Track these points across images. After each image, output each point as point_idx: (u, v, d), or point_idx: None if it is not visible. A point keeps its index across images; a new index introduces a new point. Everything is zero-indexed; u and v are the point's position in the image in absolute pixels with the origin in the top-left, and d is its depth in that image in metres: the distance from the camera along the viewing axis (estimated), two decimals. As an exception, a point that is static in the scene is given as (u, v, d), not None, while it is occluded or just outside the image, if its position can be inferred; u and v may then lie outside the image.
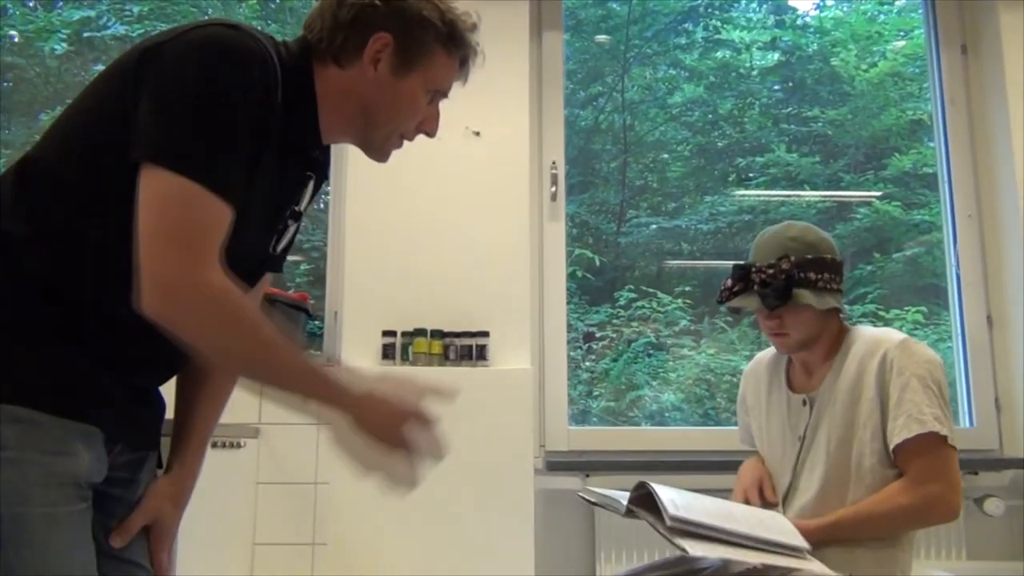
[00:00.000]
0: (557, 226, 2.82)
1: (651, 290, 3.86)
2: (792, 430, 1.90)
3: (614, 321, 3.79)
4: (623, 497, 1.65)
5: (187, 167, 1.11)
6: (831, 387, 1.84)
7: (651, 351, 3.82)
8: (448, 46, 1.35)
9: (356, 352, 2.63)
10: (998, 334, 2.75)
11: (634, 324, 3.82)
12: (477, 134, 2.75)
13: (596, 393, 3.73)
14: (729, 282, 1.89)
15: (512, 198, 2.72)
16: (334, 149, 2.73)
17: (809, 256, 1.83)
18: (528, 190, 2.74)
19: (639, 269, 4.14)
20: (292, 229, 1.39)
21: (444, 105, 2.70)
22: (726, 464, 2.17)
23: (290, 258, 3.72)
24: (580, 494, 1.87)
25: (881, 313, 3.61)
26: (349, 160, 2.75)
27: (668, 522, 1.51)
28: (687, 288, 3.92)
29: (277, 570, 1.61)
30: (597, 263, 3.90)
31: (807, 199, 4.06)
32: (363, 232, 2.71)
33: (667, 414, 3.73)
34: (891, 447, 1.73)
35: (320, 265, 3.33)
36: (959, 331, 2.81)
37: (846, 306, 1.90)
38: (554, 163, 2.83)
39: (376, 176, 2.72)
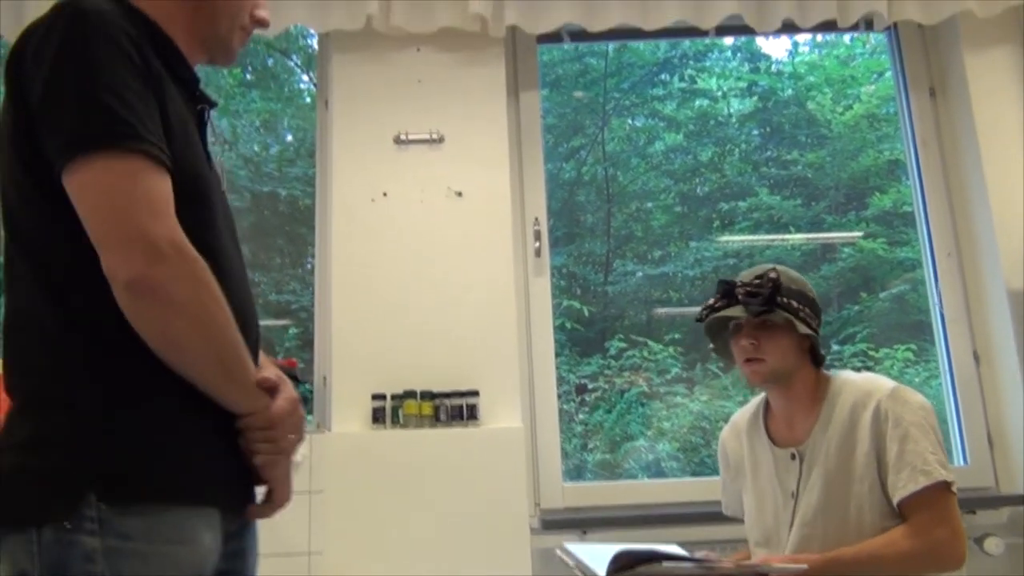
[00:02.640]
0: (542, 281, 2.83)
1: (641, 339, 3.87)
2: (783, 487, 1.87)
3: (605, 372, 3.78)
4: (600, 568, 1.60)
5: (105, 144, 1.10)
6: (820, 438, 1.82)
7: (644, 400, 3.81)
8: None
9: (346, 416, 2.62)
10: (985, 370, 2.75)
11: (626, 374, 3.82)
12: (459, 194, 2.77)
13: (591, 446, 3.71)
14: (712, 299, 1.90)
15: (497, 256, 2.73)
16: (319, 218, 2.75)
17: (793, 286, 1.85)
18: (512, 247, 2.75)
19: (628, 318, 4.15)
20: (220, 166, 1.37)
21: (430, 167, 2.76)
22: (723, 515, 2.15)
23: (278, 322, 3.71)
24: (558, 552, 1.80)
25: (871, 352, 3.61)
26: (333, 223, 2.77)
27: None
28: (677, 335, 3.93)
29: None
30: (586, 314, 3.90)
31: (792, 241, 4.09)
32: (349, 295, 2.72)
33: (663, 464, 3.71)
34: (896, 500, 1.70)
35: (309, 327, 3.33)
36: (947, 368, 2.81)
37: (824, 353, 1.88)
38: (536, 219, 2.85)
39: (361, 239, 2.75)
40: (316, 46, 3.09)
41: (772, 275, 1.83)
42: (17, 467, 1.10)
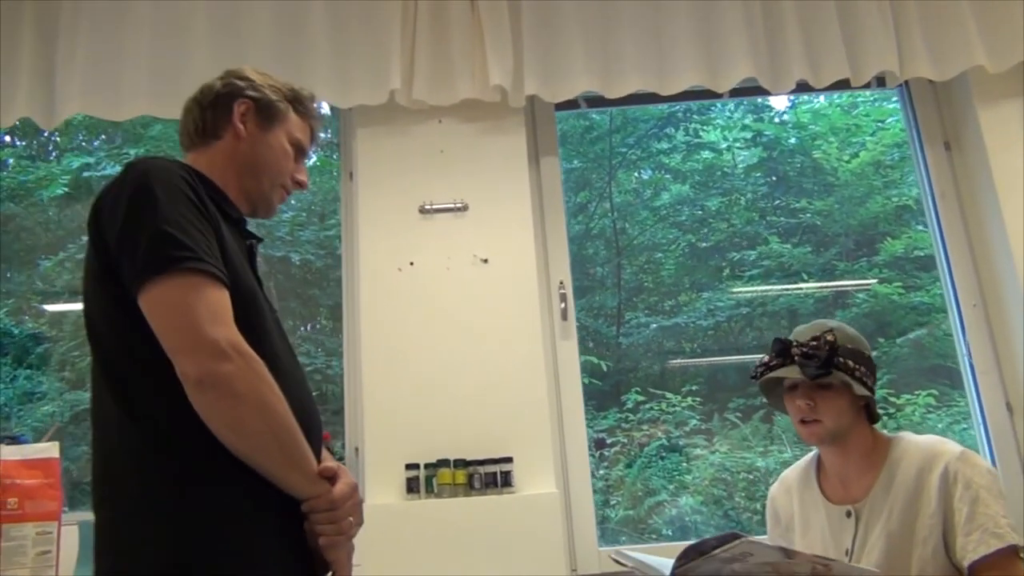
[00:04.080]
0: (569, 344, 2.85)
1: (657, 391, 3.86)
2: (836, 544, 1.86)
3: (623, 425, 3.77)
4: (663, 566, 1.60)
5: (170, 267, 1.31)
6: (882, 499, 1.81)
7: (664, 454, 3.79)
8: (296, 106, 1.66)
9: (380, 487, 2.62)
10: (1019, 420, 2.75)
11: (644, 427, 3.81)
12: (485, 261, 2.79)
13: (613, 502, 3.69)
14: (767, 357, 1.90)
15: (524, 320, 2.75)
16: (346, 289, 2.77)
17: (849, 345, 1.86)
18: (539, 311, 2.77)
19: (643, 370, 4.15)
20: (271, 291, 1.54)
21: (455, 235, 2.79)
22: None
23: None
24: (612, 556, 1.81)
25: (892, 399, 3.61)
26: (361, 294, 2.79)
27: None
28: (693, 387, 3.93)
29: None
30: (604, 368, 3.91)
31: (805, 290, 4.11)
32: (379, 365, 2.73)
33: (687, 519, 3.69)
34: (966, 562, 1.69)
35: (323, 388, 3.33)
36: (980, 420, 2.81)
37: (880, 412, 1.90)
38: (561, 283, 2.88)
39: (389, 308, 2.77)
40: (329, 112, 3.14)
41: (829, 338, 1.84)
42: (110, 567, 1.31)
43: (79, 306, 1.44)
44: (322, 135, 1.80)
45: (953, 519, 1.72)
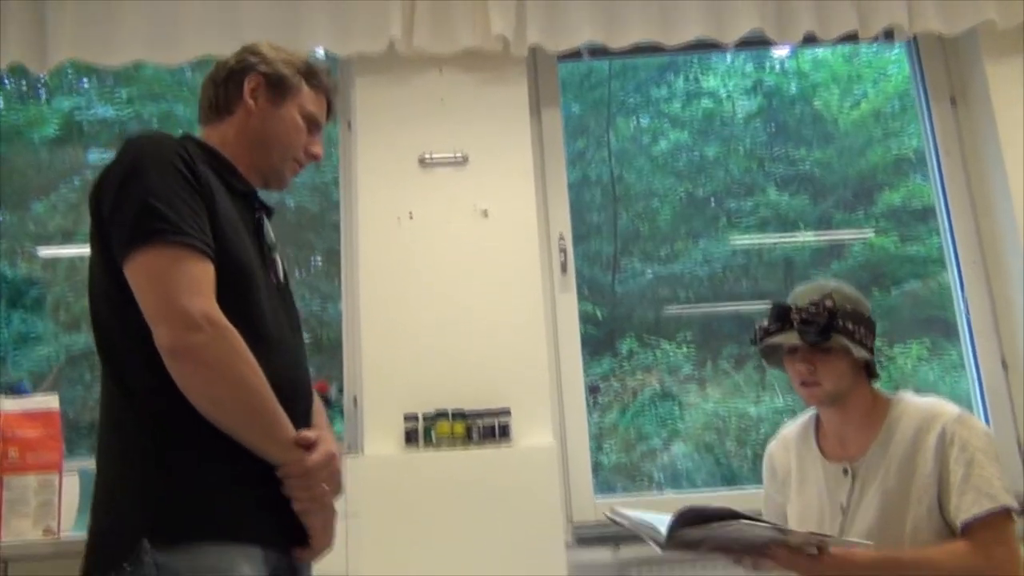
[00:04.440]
0: (568, 297, 2.85)
1: (652, 338, 3.88)
2: (832, 500, 1.88)
3: (617, 372, 3.79)
4: (660, 523, 1.61)
5: (153, 239, 1.36)
6: (879, 457, 1.83)
7: (657, 401, 3.82)
8: (310, 80, 1.68)
9: (378, 438, 2.64)
10: (1014, 378, 2.78)
11: (638, 375, 3.83)
12: (485, 213, 2.78)
13: (606, 448, 3.73)
14: (766, 322, 1.90)
15: (524, 273, 2.75)
16: (345, 240, 2.77)
17: (849, 307, 1.85)
18: (539, 264, 2.77)
19: (637, 317, 4.16)
20: (278, 260, 1.64)
21: (454, 187, 2.77)
22: None
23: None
24: (608, 514, 1.83)
25: (885, 349, 3.64)
26: (360, 245, 2.78)
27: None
28: (687, 335, 3.94)
29: None
30: (599, 316, 3.92)
31: (801, 241, 4.10)
32: (378, 316, 2.73)
33: (679, 465, 3.73)
34: (959, 521, 1.71)
35: (319, 334, 3.34)
36: (975, 377, 2.84)
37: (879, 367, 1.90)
38: (561, 235, 2.87)
39: (388, 260, 2.76)
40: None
41: (828, 304, 1.83)
42: (95, 527, 1.38)
43: (72, 250, 1.56)
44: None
45: (948, 479, 1.74)
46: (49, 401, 2.10)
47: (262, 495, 1.41)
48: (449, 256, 2.75)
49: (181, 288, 1.34)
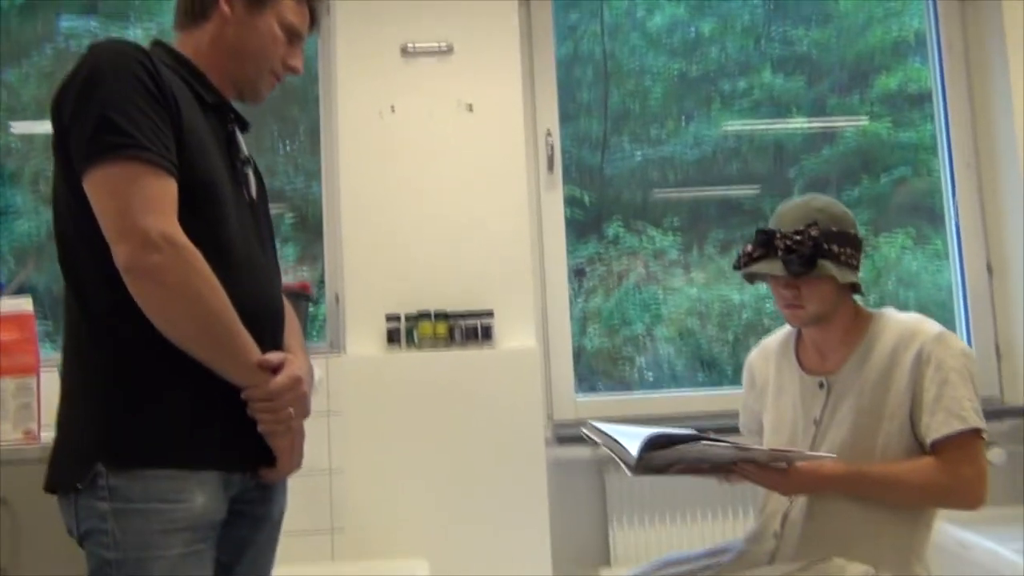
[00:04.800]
0: (554, 196, 2.80)
1: (639, 222, 3.85)
2: (806, 412, 1.90)
3: (603, 256, 3.79)
4: (631, 445, 1.63)
5: (111, 154, 1.32)
6: (855, 372, 1.84)
7: (641, 285, 3.84)
8: None
9: (361, 337, 2.64)
10: (998, 282, 2.79)
11: (623, 260, 3.83)
12: (470, 108, 2.69)
13: (589, 332, 3.76)
14: (750, 247, 1.87)
15: (509, 172, 2.70)
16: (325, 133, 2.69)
17: (834, 228, 1.82)
18: (524, 162, 2.70)
19: (625, 199, 4.12)
20: (252, 176, 1.58)
21: (438, 79, 2.68)
22: (732, 428, 2.17)
23: (273, 207, 3.60)
24: (584, 430, 1.86)
25: (870, 238, 3.63)
26: (341, 139, 2.71)
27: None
28: (675, 219, 3.91)
29: (298, 557, 1.68)
30: (586, 201, 3.88)
31: (794, 127, 4.03)
32: (359, 213, 2.69)
33: (661, 350, 3.77)
34: (928, 440, 1.74)
35: (304, 211, 3.29)
36: (959, 280, 2.85)
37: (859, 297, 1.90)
38: (549, 131, 2.79)
39: (369, 155, 2.69)
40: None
41: (814, 232, 1.79)
42: (56, 444, 1.40)
43: (48, 125, 1.44)
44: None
45: (921, 397, 1.75)
46: (22, 304, 2.07)
47: (225, 417, 1.40)
48: (432, 153, 2.69)
49: (139, 206, 1.30)
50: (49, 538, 1.44)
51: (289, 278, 3.14)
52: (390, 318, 2.61)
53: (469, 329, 2.61)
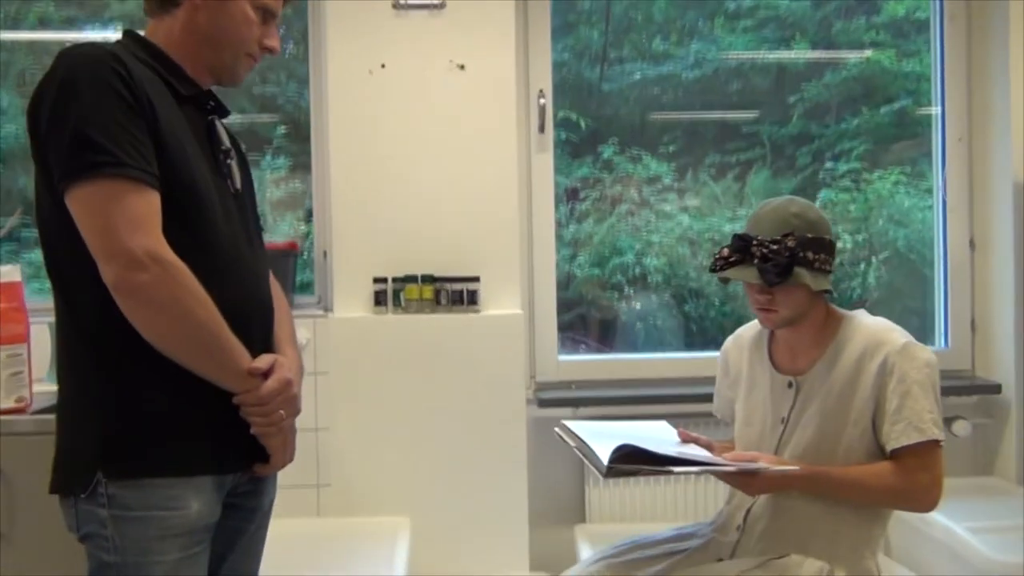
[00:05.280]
0: (544, 157, 2.79)
1: (634, 145, 3.83)
2: (774, 411, 1.95)
3: (597, 177, 3.77)
4: (602, 452, 1.68)
5: (91, 172, 1.31)
6: (823, 376, 1.88)
7: (634, 211, 3.84)
8: None
9: (348, 299, 2.67)
10: (980, 257, 2.81)
11: (617, 186, 3.82)
12: (461, 67, 2.64)
13: (580, 260, 3.79)
14: (726, 251, 1.89)
15: (499, 135, 2.68)
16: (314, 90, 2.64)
17: (810, 235, 1.84)
18: (515, 124, 2.68)
19: (622, 119, 4.07)
20: (235, 167, 1.58)
21: (430, 36, 2.63)
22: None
23: (265, 117, 3.55)
24: (557, 430, 1.92)
25: (865, 175, 3.62)
26: (330, 95, 2.67)
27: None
28: (671, 143, 3.89)
29: (286, 512, 1.77)
30: (582, 126, 3.83)
31: (795, 57, 3.95)
32: (348, 172, 2.68)
33: (649, 278, 3.81)
34: (887, 448, 1.80)
35: (296, 120, 3.26)
36: (941, 253, 2.87)
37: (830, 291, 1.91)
38: (541, 91, 2.75)
39: (359, 113, 2.66)
40: None
41: (791, 243, 1.81)
42: (57, 449, 1.44)
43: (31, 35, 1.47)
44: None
45: (884, 407, 1.81)
46: (11, 273, 2.07)
47: (218, 422, 1.44)
48: (422, 112, 2.66)
49: (123, 225, 1.31)
50: (45, 504, 1.47)
51: (281, 191, 3.17)
52: (377, 280, 2.64)
53: (455, 293, 2.64)
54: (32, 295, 2.05)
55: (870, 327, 1.88)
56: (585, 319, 3.51)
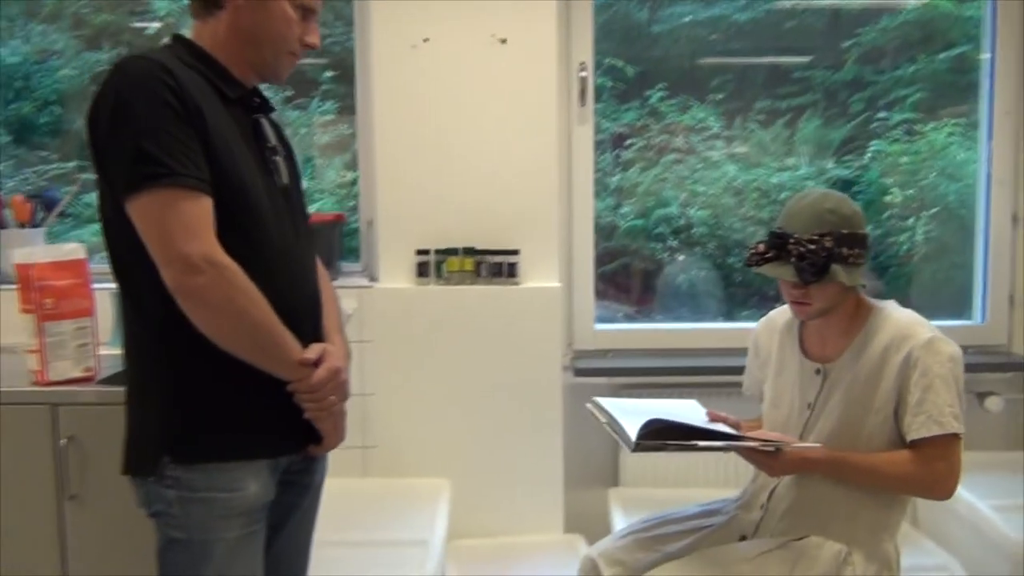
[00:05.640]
0: (585, 130, 2.82)
1: (683, 91, 3.81)
2: (802, 396, 2.02)
3: (644, 123, 3.77)
4: (631, 428, 1.78)
5: (149, 184, 1.41)
6: (850, 365, 1.93)
7: (680, 159, 3.84)
8: None
9: (392, 270, 2.77)
10: (1022, 233, 2.78)
11: (664, 135, 3.81)
12: (503, 41, 2.66)
13: (624, 210, 3.82)
14: (762, 247, 1.94)
15: (540, 109, 2.71)
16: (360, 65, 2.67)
17: (845, 231, 1.88)
18: (556, 98, 2.70)
19: (671, 62, 4.04)
20: (282, 163, 1.66)
21: (472, 11, 2.65)
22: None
23: (314, 61, 3.58)
24: (589, 406, 2.02)
25: (918, 126, 3.57)
26: (375, 71, 2.72)
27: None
28: (720, 90, 3.86)
29: (334, 472, 1.90)
30: (628, 73, 3.82)
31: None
32: (392, 146, 2.74)
33: (694, 231, 3.83)
34: (908, 438, 1.86)
35: (344, 63, 3.32)
36: (983, 227, 2.85)
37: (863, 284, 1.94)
38: (583, 64, 2.76)
39: (403, 88, 2.71)
40: None
41: (828, 243, 1.85)
42: (127, 434, 1.59)
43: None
44: None
45: (907, 399, 1.86)
46: (76, 251, 2.19)
47: (274, 407, 1.56)
48: (464, 87, 2.70)
49: (180, 232, 1.41)
50: (112, 469, 1.61)
51: (329, 135, 3.25)
52: (420, 252, 2.73)
53: (495, 266, 2.72)
54: (94, 264, 2.16)
55: (898, 320, 1.92)
56: (628, 269, 3.57)
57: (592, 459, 2.82)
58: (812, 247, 1.85)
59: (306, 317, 1.63)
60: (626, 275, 3.55)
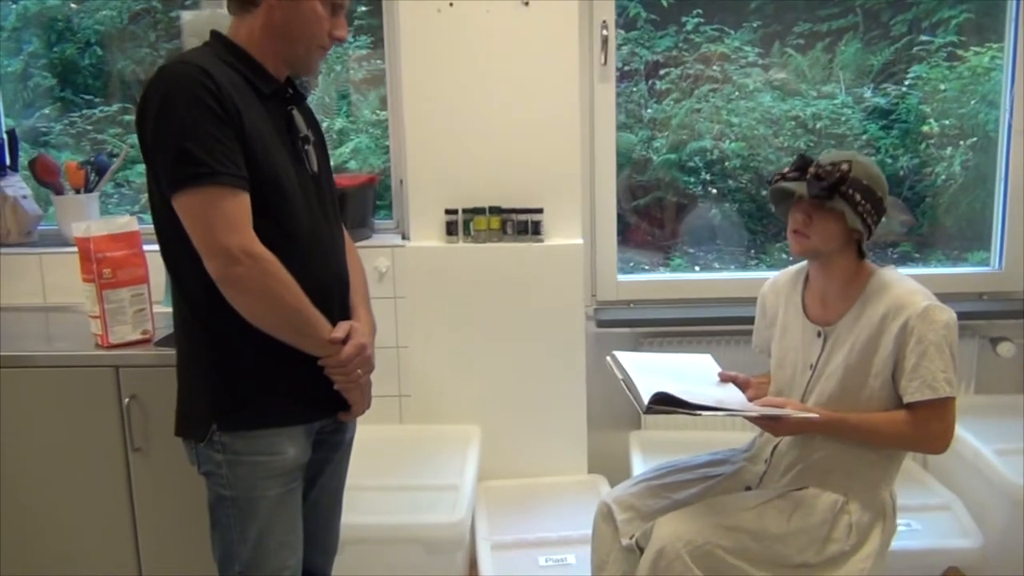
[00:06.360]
0: (607, 87, 2.87)
1: (719, 13, 3.77)
2: (804, 357, 2.13)
3: (679, 52, 3.76)
4: (645, 391, 1.94)
5: (192, 182, 1.55)
6: (849, 329, 2.03)
7: (715, 87, 3.82)
8: None
9: (423, 228, 2.89)
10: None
11: (699, 65, 3.79)
12: (526, 3, 2.72)
13: (657, 144, 3.83)
14: (787, 168, 2.05)
15: (563, 69, 2.76)
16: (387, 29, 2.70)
17: (864, 181, 1.96)
18: (578, 58, 2.76)
19: None
20: (312, 151, 1.80)
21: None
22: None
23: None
24: (608, 360, 2.17)
25: (959, 51, 3.50)
26: (402, 34, 2.79)
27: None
28: (757, 12, 3.81)
29: (373, 419, 2.09)
30: (663, 2, 3.79)
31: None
32: (419, 108, 2.82)
33: (727, 164, 3.84)
34: (904, 400, 1.97)
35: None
36: (1002, 176, 2.86)
37: (867, 251, 2.03)
38: (604, 22, 2.80)
39: (429, 50, 2.79)
40: None
41: (844, 167, 1.94)
42: (179, 402, 1.81)
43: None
44: None
45: (903, 364, 1.97)
46: (129, 223, 2.36)
47: (307, 380, 1.74)
48: (488, 49, 2.76)
49: (221, 226, 1.56)
50: (170, 425, 1.83)
51: (363, 70, 3.33)
52: (449, 211, 2.85)
53: (520, 224, 2.83)
54: (142, 226, 2.32)
55: (895, 288, 2.00)
56: (662, 203, 3.62)
57: (614, 404, 2.94)
58: (829, 168, 1.95)
59: (335, 296, 1.81)
60: (659, 208, 3.62)
